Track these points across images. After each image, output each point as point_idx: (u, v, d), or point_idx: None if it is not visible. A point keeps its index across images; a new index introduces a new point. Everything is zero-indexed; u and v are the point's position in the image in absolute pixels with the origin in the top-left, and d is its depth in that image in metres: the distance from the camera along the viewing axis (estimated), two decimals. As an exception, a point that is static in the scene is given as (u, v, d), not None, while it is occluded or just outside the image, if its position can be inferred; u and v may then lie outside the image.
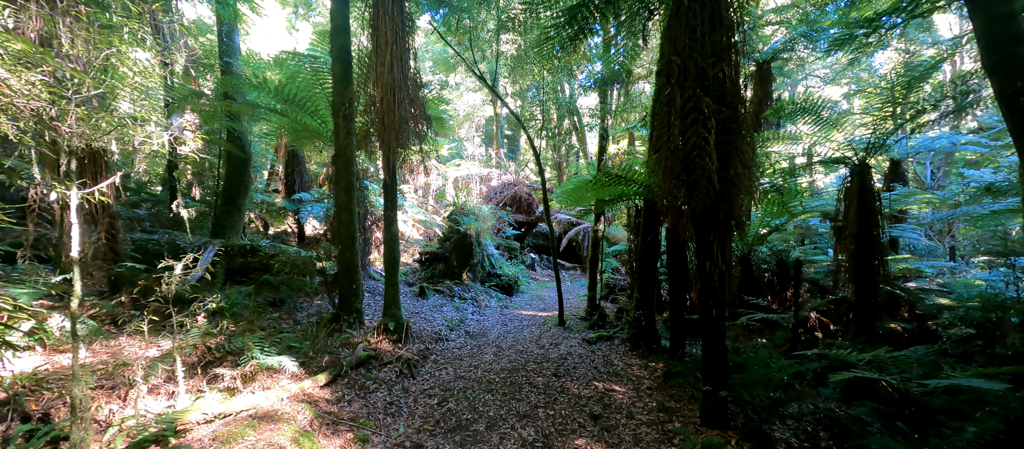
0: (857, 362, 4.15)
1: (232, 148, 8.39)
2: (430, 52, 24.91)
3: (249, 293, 6.25)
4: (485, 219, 11.17)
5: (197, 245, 7.38)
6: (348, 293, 5.59)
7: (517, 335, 6.84)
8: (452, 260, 9.53)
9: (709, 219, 3.21)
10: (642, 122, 8.19)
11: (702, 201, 3.04)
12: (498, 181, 17.40)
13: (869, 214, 5.88)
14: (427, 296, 8.33)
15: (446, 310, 7.87)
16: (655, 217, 6.06)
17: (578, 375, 4.83)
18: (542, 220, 16.62)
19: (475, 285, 9.67)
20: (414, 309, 7.46)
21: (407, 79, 4.90)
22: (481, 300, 9.14)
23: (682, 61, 3.12)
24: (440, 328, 6.66)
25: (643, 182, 5.37)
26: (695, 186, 3.06)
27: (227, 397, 3.41)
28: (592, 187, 5.81)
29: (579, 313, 8.64)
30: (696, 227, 3.33)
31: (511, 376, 4.77)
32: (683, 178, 3.24)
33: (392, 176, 5.15)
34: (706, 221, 3.22)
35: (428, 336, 6.03)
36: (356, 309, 5.62)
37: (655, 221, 6.06)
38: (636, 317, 5.91)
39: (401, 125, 4.85)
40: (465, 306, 8.49)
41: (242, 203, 8.45)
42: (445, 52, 24.84)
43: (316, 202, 10.13)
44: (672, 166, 3.22)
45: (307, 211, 10.03)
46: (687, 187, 3.20)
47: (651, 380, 4.74)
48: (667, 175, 3.34)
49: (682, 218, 3.29)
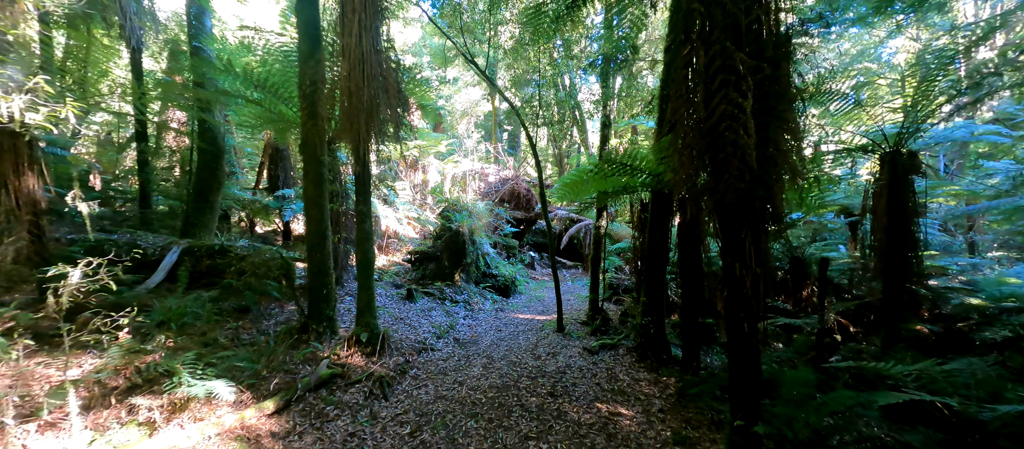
0: (899, 376, 3.49)
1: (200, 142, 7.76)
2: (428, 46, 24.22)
3: (212, 299, 5.63)
4: (480, 216, 10.51)
5: (161, 245, 6.76)
6: (319, 299, 4.95)
7: (511, 343, 6.18)
8: (443, 260, 8.88)
9: (741, 210, 2.53)
10: (646, 112, 7.50)
11: (733, 187, 2.36)
12: (496, 177, 16.73)
13: (901, 206, 5.19)
14: (415, 299, 7.68)
15: (434, 315, 7.23)
16: (665, 211, 5.39)
17: (578, 394, 4.17)
18: (541, 217, 15.94)
19: (469, 286, 9.02)
20: (399, 314, 6.81)
21: (378, 53, 4.23)
22: (474, 303, 8.49)
23: (705, 7, 2.43)
24: (425, 336, 6.01)
25: (651, 171, 4.69)
26: (723, 167, 2.39)
27: (145, 434, 2.78)
28: (594, 178, 5.13)
29: (580, 316, 7.98)
30: (723, 220, 2.65)
31: (500, 396, 4.12)
32: (706, 159, 2.57)
33: (364, 165, 4.49)
34: (737, 212, 2.55)
35: (410, 346, 5.38)
36: (328, 317, 4.98)
37: (665, 215, 5.38)
38: (643, 324, 5.24)
39: (372, 106, 4.19)
40: (456, 310, 7.85)
41: (215, 200, 7.82)
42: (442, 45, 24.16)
43: (300, 199, 9.48)
44: (693, 144, 2.55)
45: (291, 209, 9.40)
46: (712, 169, 2.53)
47: (663, 400, 4.08)
48: (686, 156, 2.66)
49: (704, 210, 2.61)
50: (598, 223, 7.46)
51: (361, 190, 4.61)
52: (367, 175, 4.53)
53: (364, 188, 4.59)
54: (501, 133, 23.15)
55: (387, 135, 4.40)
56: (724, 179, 2.37)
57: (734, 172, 2.31)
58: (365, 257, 4.67)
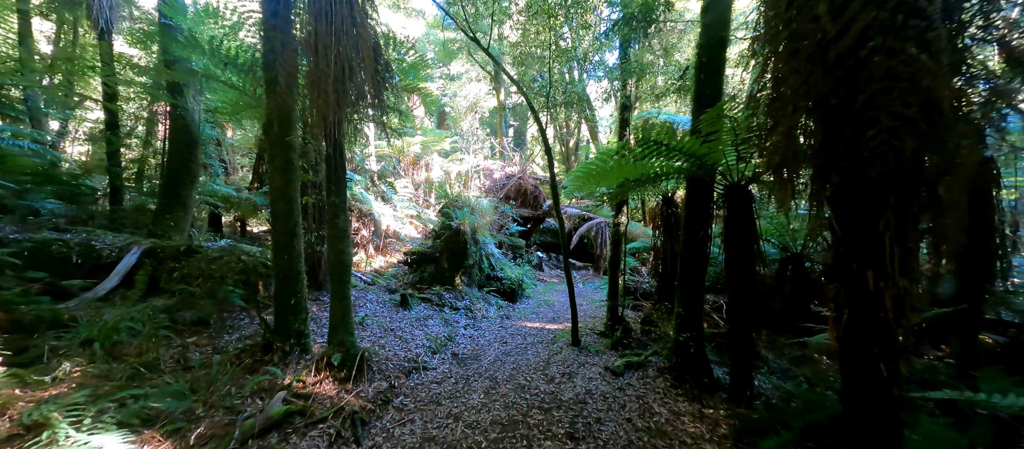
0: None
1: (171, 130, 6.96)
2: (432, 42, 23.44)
3: (166, 309, 4.80)
4: (483, 213, 9.62)
5: (120, 246, 5.97)
6: (285, 310, 4.09)
7: (518, 359, 5.28)
8: (442, 261, 8.00)
9: (885, 189, 1.60)
10: (677, 90, 6.49)
11: (889, 149, 1.43)
12: (501, 173, 15.83)
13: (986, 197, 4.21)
14: (410, 306, 6.81)
15: (431, 324, 6.35)
16: (704, 204, 4.45)
17: (605, 437, 3.25)
18: (550, 214, 15.01)
19: (471, 291, 8.13)
20: (390, 324, 5.94)
21: (351, 4, 3.35)
22: (477, 309, 7.60)
23: None
24: (418, 351, 5.12)
25: (693, 152, 3.75)
26: (871, 116, 1.46)
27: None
28: (616, 165, 4.20)
29: (597, 325, 7.05)
30: (845, 206, 1.73)
31: (506, 437, 3.22)
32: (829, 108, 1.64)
33: (335, 145, 3.61)
34: (877, 193, 1.62)
35: (397, 366, 4.50)
36: (297, 332, 4.12)
37: (704, 209, 4.44)
38: (681, 341, 4.30)
39: (342, 69, 3.31)
40: (456, 318, 6.96)
41: (187, 195, 7.02)
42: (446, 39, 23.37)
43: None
44: (808, 83, 1.61)
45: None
46: (840, 123, 1.60)
47: (714, 444, 3.15)
48: (785, 110, 1.74)
49: (827, 188, 1.68)
50: (616, 220, 6.53)
51: (333, 177, 3.73)
52: (340, 158, 3.65)
53: (337, 174, 3.71)
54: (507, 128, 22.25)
55: (363, 108, 3.51)
56: (872, 137, 1.44)
57: (898, 123, 1.38)
58: (338, 260, 3.79)
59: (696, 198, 4.48)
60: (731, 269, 3.90)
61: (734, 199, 3.87)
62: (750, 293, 3.79)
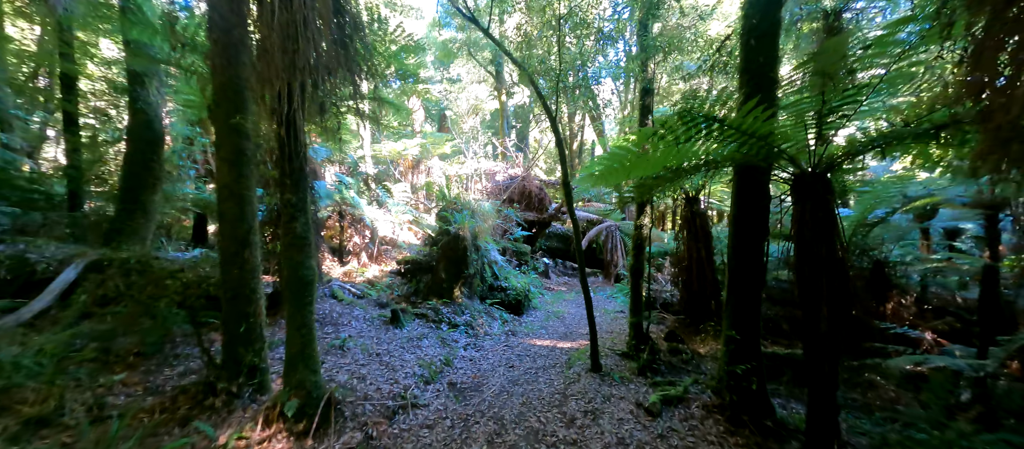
0: None
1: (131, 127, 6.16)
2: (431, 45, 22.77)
3: (100, 336, 3.95)
4: (485, 216, 8.76)
5: (60, 259, 5.14)
6: (235, 340, 3.22)
7: (529, 389, 4.39)
8: (439, 271, 7.13)
9: None
10: (711, 62, 5.58)
11: None
12: (504, 174, 14.99)
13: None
14: (402, 324, 5.93)
15: (426, 345, 5.47)
16: (760, 199, 3.57)
17: (655, 517, 2.36)
18: (556, 218, 14.14)
19: (472, 303, 7.25)
20: (376, 347, 5.06)
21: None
22: (479, 325, 6.72)
23: None
24: (407, 381, 4.24)
25: (755, 132, 2.87)
26: None
27: None
28: (653, 150, 3.33)
29: (616, 343, 6.17)
30: None
31: (517, 519, 2.33)
32: None
33: (289, 127, 2.76)
34: None
35: (379, 406, 3.61)
36: (249, 366, 3.25)
37: (760, 205, 3.57)
38: (738, 375, 3.39)
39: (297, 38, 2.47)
40: (455, 336, 6.07)
41: (149, 200, 6.19)
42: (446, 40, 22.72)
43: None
44: None
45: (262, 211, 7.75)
46: None
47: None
48: None
49: None
50: (639, 222, 5.65)
51: (286, 167, 2.87)
52: (296, 142, 2.80)
53: (292, 164, 2.86)
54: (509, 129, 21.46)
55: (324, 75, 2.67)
56: None
57: None
58: (296, 275, 2.93)
59: (749, 192, 3.60)
60: (805, 279, 3.00)
61: (807, 191, 2.99)
62: (839, 309, 2.89)
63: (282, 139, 2.78)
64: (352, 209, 10.10)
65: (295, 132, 2.77)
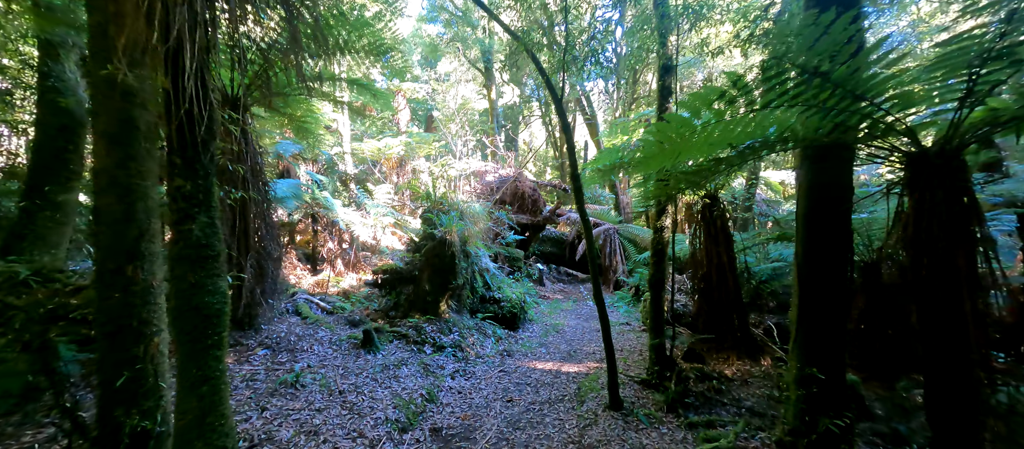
0: None
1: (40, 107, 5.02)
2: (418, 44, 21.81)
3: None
4: (476, 219, 7.80)
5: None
6: (112, 396, 2.20)
7: (533, 436, 3.44)
8: (423, 282, 6.13)
9: None
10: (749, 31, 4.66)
11: None
12: (494, 175, 14.05)
13: None
14: (377, 347, 4.92)
15: (405, 376, 4.46)
16: (842, 190, 2.71)
17: None
18: (551, 221, 13.25)
19: (461, 319, 6.27)
20: (341, 383, 4.04)
21: None
22: (469, 345, 5.74)
23: None
24: (378, 433, 3.25)
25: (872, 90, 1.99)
26: None
27: None
28: (704, 130, 2.41)
29: (630, 366, 5.29)
30: None
31: None
32: None
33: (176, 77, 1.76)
34: None
35: (333, 478, 2.61)
36: (135, 434, 2.22)
37: (842, 198, 2.71)
38: (832, 435, 2.49)
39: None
40: (441, 361, 5.08)
41: (66, 200, 5.06)
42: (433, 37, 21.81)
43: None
44: None
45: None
46: None
47: None
48: None
49: None
50: (660, 223, 4.77)
51: (176, 140, 1.88)
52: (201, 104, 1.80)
53: (182, 135, 1.87)
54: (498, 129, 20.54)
55: None
56: None
57: None
58: (190, 304, 1.94)
59: (827, 182, 2.73)
60: (932, 299, 2.14)
61: (935, 178, 2.13)
62: (980, 334, 2.03)
63: (167, 96, 1.79)
64: (326, 211, 9.03)
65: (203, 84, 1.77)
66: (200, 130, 1.84)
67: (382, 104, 7.61)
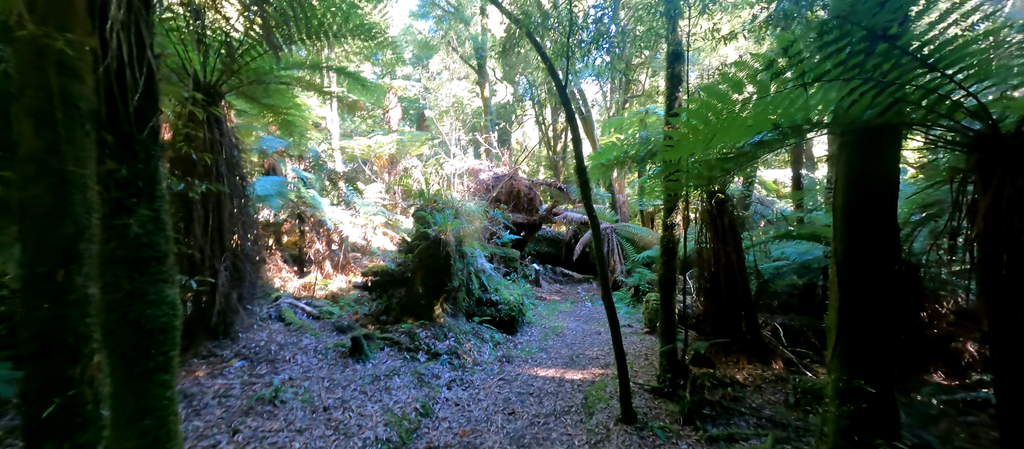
0: None
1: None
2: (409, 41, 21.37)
3: None
4: (471, 217, 7.45)
5: None
6: (40, 430, 1.80)
7: (541, 456, 3.10)
8: (416, 284, 5.76)
9: None
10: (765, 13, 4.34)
11: None
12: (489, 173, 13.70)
13: None
14: (366, 356, 4.55)
15: (397, 387, 4.10)
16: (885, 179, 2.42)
17: None
18: (547, 220, 12.94)
19: (456, 323, 5.91)
20: (326, 397, 3.66)
21: None
22: (466, 351, 5.38)
23: None
24: (366, 457, 2.88)
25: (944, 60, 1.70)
26: None
27: None
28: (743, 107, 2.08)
29: (638, 372, 4.98)
30: None
31: None
32: None
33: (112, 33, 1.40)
34: None
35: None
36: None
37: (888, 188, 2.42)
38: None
39: None
40: (436, 370, 4.72)
41: None
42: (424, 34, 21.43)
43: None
44: None
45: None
46: None
47: None
48: None
49: None
50: (670, 220, 4.47)
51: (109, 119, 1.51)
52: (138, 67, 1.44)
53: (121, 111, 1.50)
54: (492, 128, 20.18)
55: None
56: None
57: None
58: (126, 318, 1.56)
59: (871, 172, 2.44)
60: (1010, 297, 1.85)
61: (1015, 164, 1.84)
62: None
63: (95, 54, 1.42)
64: (313, 211, 8.61)
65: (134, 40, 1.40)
66: (133, 99, 1.47)
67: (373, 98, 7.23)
